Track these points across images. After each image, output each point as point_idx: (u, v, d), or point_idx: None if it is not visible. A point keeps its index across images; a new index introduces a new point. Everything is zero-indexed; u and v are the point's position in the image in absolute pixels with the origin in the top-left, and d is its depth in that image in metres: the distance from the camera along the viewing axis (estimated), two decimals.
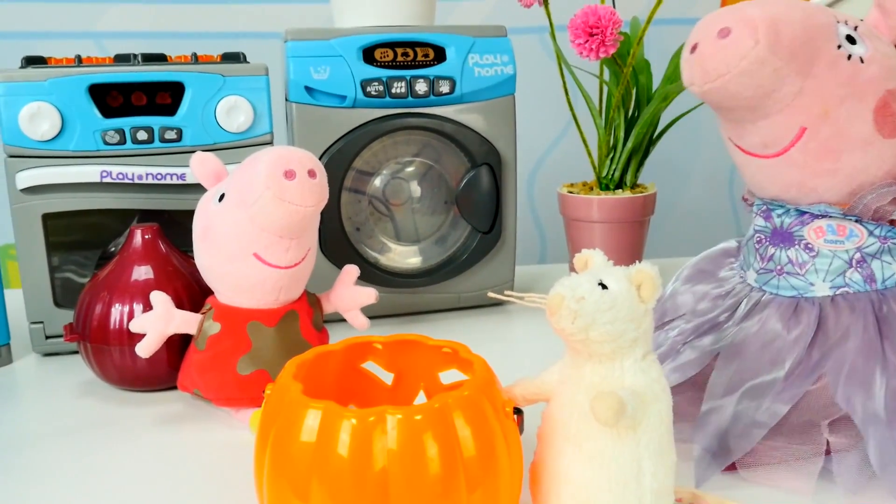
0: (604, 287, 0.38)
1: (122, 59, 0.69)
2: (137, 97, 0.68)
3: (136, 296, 0.59)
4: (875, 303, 0.47)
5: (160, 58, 0.69)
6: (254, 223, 0.52)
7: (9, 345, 0.69)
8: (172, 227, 0.65)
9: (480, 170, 0.77)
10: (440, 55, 0.75)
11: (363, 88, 0.72)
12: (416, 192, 0.79)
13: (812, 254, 0.49)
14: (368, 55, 0.73)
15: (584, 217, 0.81)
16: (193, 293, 0.60)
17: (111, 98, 0.67)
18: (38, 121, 0.64)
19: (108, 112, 0.66)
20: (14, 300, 0.70)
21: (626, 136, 0.82)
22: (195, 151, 0.59)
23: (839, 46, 0.45)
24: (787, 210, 0.50)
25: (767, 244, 0.51)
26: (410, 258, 0.79)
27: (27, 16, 1.08)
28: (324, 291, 0.61)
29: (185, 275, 0.61)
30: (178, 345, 0.58)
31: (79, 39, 1.10)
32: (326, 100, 0.72)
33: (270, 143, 0.71)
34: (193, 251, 0.57)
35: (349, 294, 0.61)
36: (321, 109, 0.72)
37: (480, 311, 0.80)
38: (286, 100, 0.74)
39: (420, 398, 0.48)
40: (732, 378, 0.48)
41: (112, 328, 0.59)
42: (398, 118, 0.74)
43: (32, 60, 0.68)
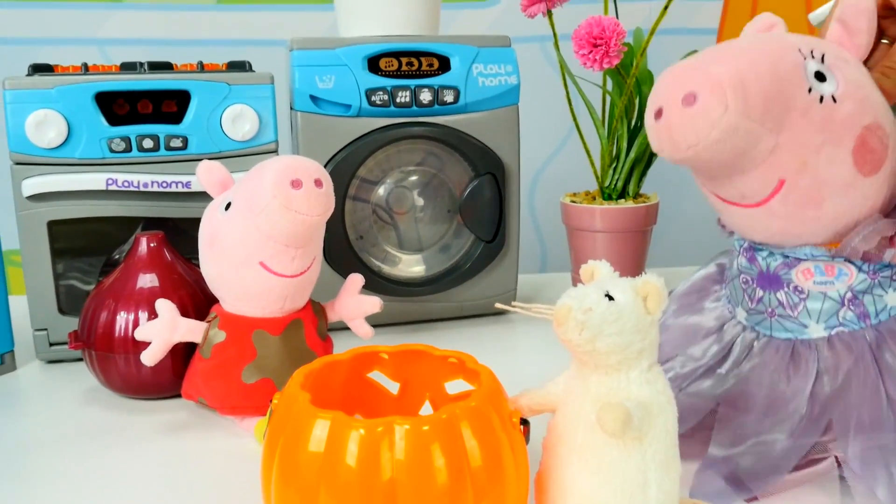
0: (610, 298, 0.38)
1: (129, 68, 0.69)
2: (144, 105, 0.68)
3: (142, 304, 0.59)
4: (871, 343, 0.46)
5: (166, 66, 0.70)
6: (260, 232, 0.53)
7: (13, 352, 0.69)
8: (178, 235, 0.66)
9: (484, 179, 0.77)
10: (444, 65, 0.75)
11: (368, 97, 0.73)
12: (420, 201, 0.79)
13: (802, 296, 0.48)
14: (373, 64, 0.73)
15: (587, 227, 0.82)
16: (198, 301, 0.60)
17: (117, 106, 0.67)
18: (45, 128, 0.64)
19: (115, 120, 0.67)
20: (18, 307, 0.70)
21: (629, 147, 0.82)
22: (201, 159, 0.59)
23: (810, 89, 0.43)
24: (772, 253, 0.49)
25: (755, 286, 0.50)
26: (414, 267, 0.80)
27: (32, 22, 1.09)
28: (328, 300, 0.61)
29: (191, 283, 0.61)
30: (183, 353, 0.59)
31: (83, 46, 1.10)
32: (331, 109, 0.73)
33: (276, 152, 0.71)
34: (199, 259, 0.58)
35: (354, 303, 0.61)
36: (326, 118, 0.73)
37: (484, 320, 0.80)
38: (291, 108, 0.74)
39: (426, 408, 0.48)
40: (737, 432, 0.47)
41: (117, 336, 0.59)
42: (402, 127, 0.74)
43: (39, 68, 0.68)
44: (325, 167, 0.72)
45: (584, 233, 0.82)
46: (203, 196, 0.59)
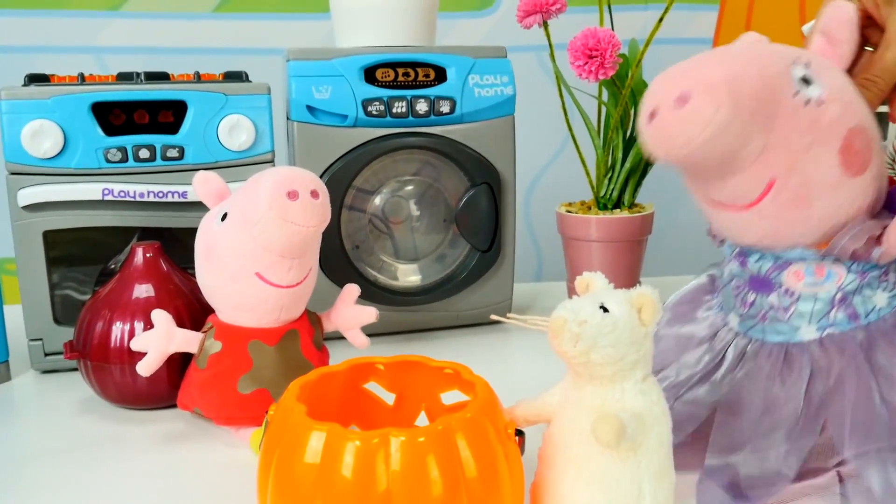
0: (605, 310, 0.39)
1: (125, 78, 0.69)
2: (140, 115, 0.68)
3: (137, 314, 0.59)
4: (863, 343, 0.47)
5: (163, 76, 0.70)
6: (256, 243, 0.53)
7: (7, 362, 0.69)
8: (174, 245, 0.66)
9: (480, 189, 0.77)
10: (441, 75, 0.75)
11: (364, 108, 0.73)
12: (416, 211, 0.79)
13: (793, 298, 0.48)
14: (370, 75, 0.74)
15: (583, 236, 0.82)
16: (194, 311, 0.60)
17: (114, 116, 0.67)
18: (41, 138, 0.64)
19: (111, 130, 0.67)
20: (13, 316, 0.70)
21: (625, 157, 0.83)
22: (197, 170, 0.59)
23: (796, 93, 0.44)
24: (763, 256, 0.49)
25: (747, 290, 0.51)
26: (410, 276, 0.80)
27: (28, 30, 1.09)
28: (324, 310, 0.61)
29: (187, 293, 0.61)
30: (179, 363, 0.58)
31: (79, 54, 1.10)
32: (328, 119, 0.73)
33: (272, 162, 0.71)
34: (195, 269, 0.58)
35: (350, 313, 0.61)
36: (322, 128, 0.73)
37: (479, 330, 0.80)
38: (288, 118, 0.74)
39: (422, 419, 0.49)
40: (734, 437, 0.47)
41: (112, 346, 0.59)
42: (399, 137, 0.74)
43: (35, 78, 0.68)
44: (322, 177, 0.73)
45: (580, 242, 0.83)
46: (199, 206, 0.59)
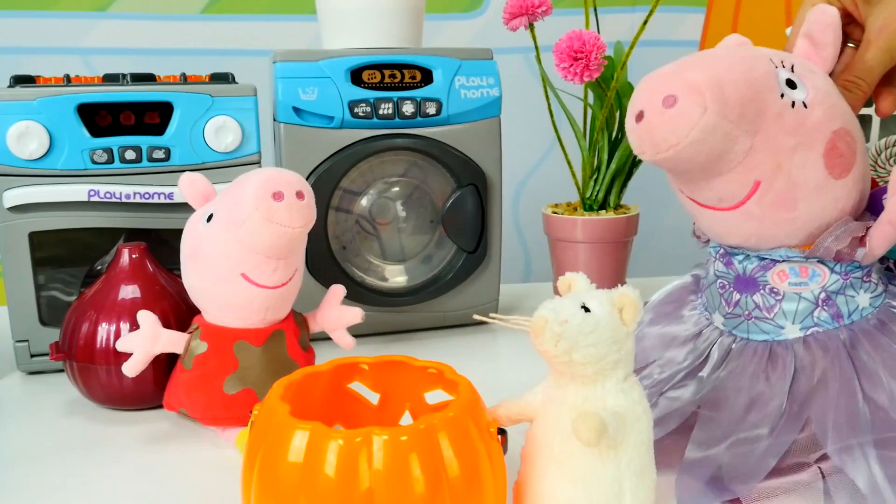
0: (587, 310, 0.39)
1: (111, 79, 0.69)
2: (126, 117, 0.68)
3: (123, 315, 0.59)
4: (846, 342, 0.48)
5: (149, 78, 0.70)
6: (242, 244, 0.53)
7: None
8: (160, 247, 0.66)
9: (466, 190, 0.78)
10: (427, 77, 0.76)
11: (351, 109, 0.73)
12: (403, 212, 0.79)
13: (778, 297, 0.49)
14: (356, 77, 0.74)
15: (569, 237, 0.82)
16: (180, 312, 0.61)
17: (100, 117, 0.67)
18: (27, 140, 0.64)
19: (97, 131, 0.67)
20: None
21: (610, 158, 0.83)
22: (183, 171, 0.59)
23: (782, 95, 0.45)
24: (748, 256, 0.50)
25: (732, 290, 0.51)
26: (396, 277, 0.80)
27: (14, 31, 1.09)
28: (310, 311, 0.62)
29: (173, 294, 0.61)
30: (165, 364, 0.59)
31: (66, 55, 1.10)
32: (314, 120, 0.73)
33: (258, 163, 0.71)
34: (181, 271, 0.58)
35: (335, 314, 0.61)
36: (309, 130, 0.73)
37: (465, 330, 0.81)
38: (274, 120, 0.75)
39: (406, 418, 0.49)
40: (716, 432, 0.48)
41: (98, 347, 0.59)
42: (385, 139, 0.75)
43: (21, 79, 0.68)
44: (308, 178, 0.73)
45: (566, 243, 0.83)
46: (185, 207, 0.60)
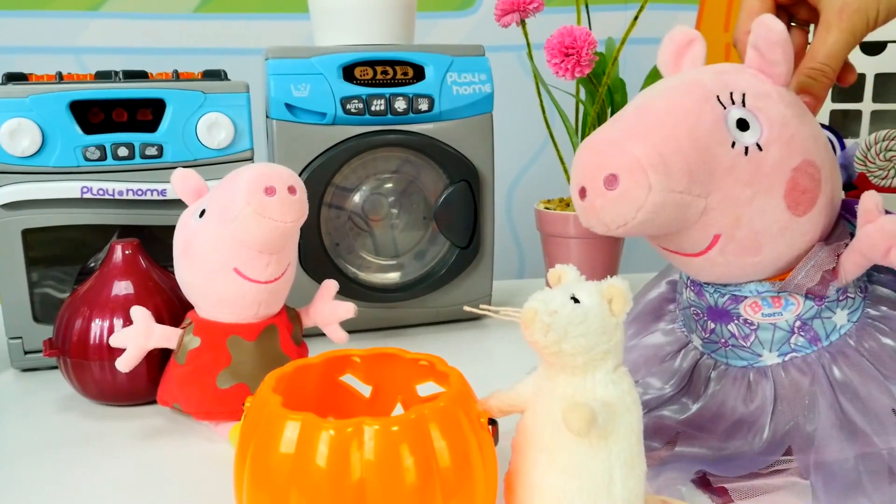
0: (576, 301, 0.39)
1: (104, 76, 0.69)
2: (118, 114, 0.68)
3: (117, 311, 0.59)
4: (826, 366, 0.47)
5: (141, 75, 0.70)
6: (234, 239, 0.53)
7: None
8: (153, 243, 0.66)
9: (458, 186, 0.78)
10: (419, 73, 0.76)
11: (343, 106, 0.73)
12: (395, 208, 0.80)
13: (753, 327, 0.48)
14: (348, 73, 0.74)
15: (561, 233, 0.83)
16: (173, 308, 0.61)
17: (92, 114, 0.67)
18: (19, 137, 0.64)
19: (89, 128, 0.67)
20: None
21: None
22: (176, 167, 0.59)
23: (733, 144, 0.42)
24: (719, 289, 0.49)
25: (706, 319, 0.50)
26: (389, 273, 0.80)
27: (7, 30, 1.08)
28: (303, 306, 0.62)
29: (166, 290, 0.62)
30: (158, 359, 0.59)
31: (59, 55, 1.10)
32: (307, 117, 0.73)
33: (251, 160, 0.71)
34: (174, 266, 0.58)
35: (328, 308, 0.62)
36: (301, 126, 0.73)
37: (458, 326, 0.81)
38: (267, 116, 0.75)
39: (398, 410, 0.49)
40: (699, 453, 0.48)
41: (92, 343, 0.59)
42: (377, 135, 0.75)
43: (13, 77, 0.68)
44: (301, 175, 0.73)
45: (558, 239, 0.84)
46: (178, 203, 0.60)
